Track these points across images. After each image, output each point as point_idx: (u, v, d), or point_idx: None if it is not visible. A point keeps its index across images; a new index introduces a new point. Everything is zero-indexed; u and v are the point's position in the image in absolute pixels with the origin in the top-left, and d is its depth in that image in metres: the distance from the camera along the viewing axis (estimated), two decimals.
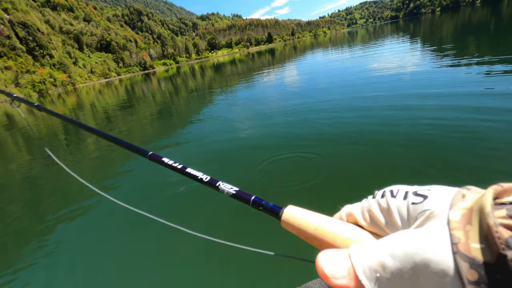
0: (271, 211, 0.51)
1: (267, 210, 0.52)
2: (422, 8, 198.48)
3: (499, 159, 3.11)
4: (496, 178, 2.50)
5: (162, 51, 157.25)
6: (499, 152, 3.22)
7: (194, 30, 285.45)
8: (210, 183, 0.65)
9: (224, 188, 0.62)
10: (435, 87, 6.43)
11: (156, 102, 15.06)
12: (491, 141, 3.51)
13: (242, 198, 0.58)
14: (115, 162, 5.91)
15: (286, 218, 0.44)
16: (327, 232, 0.36)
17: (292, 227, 0.44)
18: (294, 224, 0.43)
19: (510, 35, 13.16)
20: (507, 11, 29.62)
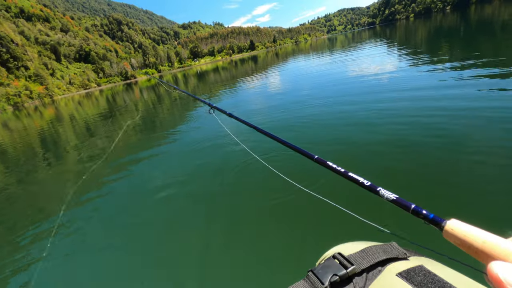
0: (432, 221, 0.53)
1: (428, 220, 0.55)
2: (397, 15, 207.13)
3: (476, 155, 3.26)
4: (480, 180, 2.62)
5: (144, 61, 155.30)
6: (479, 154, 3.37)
7: (176, 39, 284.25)
8: (370, 187, 0.70)
9: (384, 194, 0.65)
10: (409, 88, 6.70)
11: (139, 110, 14.80)
12: (467, 139, 3.69)
13: (401, 204, 0.62)
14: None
15: (451, 230, 0.47)
16: (497, 247, 0.37)
17: (455, 239, 0.46)
18: (459, 236, 0.45)
19: (479, 38, 13.99)
20: (474, 16, 31.46)
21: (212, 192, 3.90)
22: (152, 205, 3.90)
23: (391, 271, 0.54)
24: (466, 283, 0.48)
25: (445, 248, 0.50)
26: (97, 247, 3.24)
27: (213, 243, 2.81)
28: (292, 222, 2.80)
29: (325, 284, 0.53)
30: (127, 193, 4.56)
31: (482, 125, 3.91)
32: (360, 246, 0.65)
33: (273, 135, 1.15)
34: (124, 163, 5.99)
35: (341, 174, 0.79)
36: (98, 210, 4.12)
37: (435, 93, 5.83)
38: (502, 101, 4.56)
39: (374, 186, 0.69)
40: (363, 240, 0.72)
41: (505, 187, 2.57)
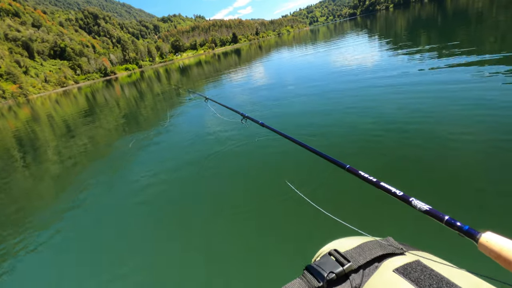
0: (466, 233, 0.52)
1: (462, 232, 0.54)
2: (377, 5, 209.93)
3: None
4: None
5: (123, 56, 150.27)
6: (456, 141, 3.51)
7: (156, 32, 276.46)
8: (403, 198, 0.68)
9: (417, 204, 0.64)
10: (389, 76, 6.88)
11: (121, 108, 14.40)
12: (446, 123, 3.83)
13: (434, 215, 0.60)
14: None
15: (486, 243, 0.46)
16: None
17: (491, 251, 0.45)
18: (494, 249, 0.45)
19: (455, 27, 14.44)
20: (451, 6, 32.35)
21: (208, 190, 3.87)
22: (135, 207, 3.85)
23: (388, 267, 0.54)
24: (463, 277, 0.48)
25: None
26: (89, 243, 3.19)
27: (208, 241, 2.79)
28: (287, 219, 2.81)
29: (321, 282, 0.53)
30: (112, 193, 4.47)
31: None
32: (356, 241, 0.65)
33: (306, 145, 1.18)
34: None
35: (373, 183, 0.78)
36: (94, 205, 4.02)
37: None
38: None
39: (406, 197, 0.68)
40: (359, 235, 0.71)
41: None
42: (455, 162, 2.98)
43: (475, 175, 2.72)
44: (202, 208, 3.42)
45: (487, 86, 4.77)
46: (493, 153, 2.97)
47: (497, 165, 2.77)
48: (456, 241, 0.54)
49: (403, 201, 0.68)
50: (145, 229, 3.27)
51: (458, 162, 2.98)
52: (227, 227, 2.95)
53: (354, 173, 0.89)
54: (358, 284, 0.53)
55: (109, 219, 3.71)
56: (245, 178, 3.93)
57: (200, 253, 2.68)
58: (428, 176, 2.90)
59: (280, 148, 4.36)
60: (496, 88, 4.60)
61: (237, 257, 2.50)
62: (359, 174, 0.86)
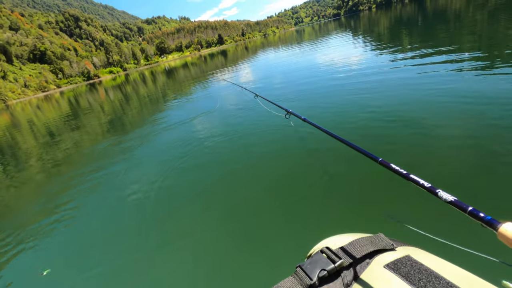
0: (488, 223, 0.56)
1: (484, 221, 0.57)
2: (360, 6, 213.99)
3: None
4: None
5: (107, 59, 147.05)
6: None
7: (140, 35, 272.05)
8: (430, 189, 0.72)
9: (443, 195, 0.68)
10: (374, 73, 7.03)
11: (106, 113, 14.08)
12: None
13: (458, 206, 0.64)
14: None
15: (505, 232, 0.49)
16: None
17: (508, 240, 0.49)
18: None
19: (435, 26, 14.90)
20: (431, 6, 33.37)
21: (202, 188, 3.86)
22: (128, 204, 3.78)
23: (379, 263, 0.55)
24: (452, 271, 0.50)
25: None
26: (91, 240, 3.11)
27: (199, 242, 2.77)
28: (279, 218, 2.81)
29: (313, 279, 0.53)
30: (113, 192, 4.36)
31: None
32: (348, 238, 0.66)
33: (343, 139, 1.22)
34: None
35: (403, 176, 0.81)
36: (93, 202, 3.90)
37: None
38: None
39: (433, 188, 0.71)
40: (351, 232, 0.72)
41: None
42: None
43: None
44: (194, 209, 3.40)
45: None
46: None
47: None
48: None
49: (430, 193, 0.71)
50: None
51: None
52: (219, 227, 2.94)
53: (386, 166, 0.90)
54: (350, 280, 0.54)
55: (110, 220, 3.61)
56: (233, 178, 3.92)
57: (188, 252, 2.67)
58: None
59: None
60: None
61: (229, 257, 2.49)
62: (391, 166, 0.88)
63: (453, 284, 0.45)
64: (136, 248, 2.93)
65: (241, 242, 2.65)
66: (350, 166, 3.34)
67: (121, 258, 2.85)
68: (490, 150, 2.95)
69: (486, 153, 2.93)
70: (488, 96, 4.18)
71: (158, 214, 3.50)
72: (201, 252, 2.62)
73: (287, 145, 4.50)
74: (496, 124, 3.38)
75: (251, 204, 3.17)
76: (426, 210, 2.31)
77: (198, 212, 3.31)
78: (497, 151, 2.89)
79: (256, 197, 3.27)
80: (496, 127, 3.30)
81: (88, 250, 3.14)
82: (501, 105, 3.78)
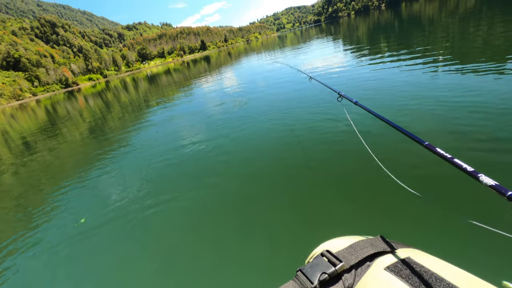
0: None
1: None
2: (339, 12, 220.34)
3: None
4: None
5: (86, 65, 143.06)
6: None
7: (120, 41, 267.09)
8: (472, 173, 0.73)
9: (484, 179, 0.69)
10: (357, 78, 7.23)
11: (86, 121, 13.64)
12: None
13: (498, 191, 0.65)
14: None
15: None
16: None
17: None
18: None
19: (411, 31, 15.57)
20: (405, 12, 34.94)
21: (198, 190, 3.82)
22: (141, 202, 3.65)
23: (379, 266, 0.55)
24: (453, 272, 0.50)
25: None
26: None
27: (198, 246, 2.74)
28: (280, 223, 2.79)
29: (314, 283, 0.53)
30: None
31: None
32: (348, 241, 0.66)
33: (394, 124, 1.24)
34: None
35: (448, 159, 0.82)
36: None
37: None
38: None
39: (475, 173, 0.72)
40: (351, 235, 0.72)
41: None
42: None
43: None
44: (189, 208, 3.36)
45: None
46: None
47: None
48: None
49: (472, 177, 0.72)
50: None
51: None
52: (218, 230, 2.91)
53: (431, 150, 0.91)
54: (351, 283, 0.54)
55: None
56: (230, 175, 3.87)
57: (187, 256, 2.64)
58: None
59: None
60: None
61: (229, 262, 2.45)
62: (436, 151, 0.88)
63: (454, 285, 0.45)
64: (134, 248, 2.91)
65: (241, 246, 2.62)
66: (351, 168, 3.34)
67: (120, 260, 2.81)
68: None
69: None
70: None
71: (155, 212, 3.46)
72: (200, 256, 2.58)
73: (279, 147, 4.50)
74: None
75: (250, 207, 3.13)
76: (427, 213, 2.34)
77: (196, 215, 3.26)
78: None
79: (255, 200, 3.24)
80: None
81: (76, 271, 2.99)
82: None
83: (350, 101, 1.89)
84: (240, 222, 2.95)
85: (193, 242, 2.81)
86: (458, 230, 2.08)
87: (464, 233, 2.05)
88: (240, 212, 3.10)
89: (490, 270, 1.71)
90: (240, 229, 2.85)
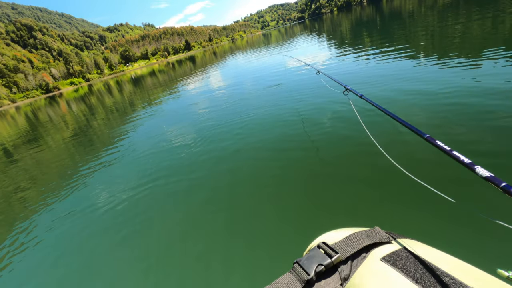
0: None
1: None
2: (322, 9, 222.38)
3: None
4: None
5: (67, 69, 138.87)
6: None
7: (102, 43, 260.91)
8: (468, 165, 0.76)
9: (479, 171, 0.72)
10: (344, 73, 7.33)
11: (69, 126, 13.26)
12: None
13: (493, 182, 0.68)
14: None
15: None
16: None
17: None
18: None
19: (392, 25, 15.88)
20: (386, 8, 35.59)
21: (194, 187, 3.82)
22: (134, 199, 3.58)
23: (375, 256, 0.56)
24: (447, 261, 0.50)
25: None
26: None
27: (197, 239, 2.76)
28: (278, 216, 2.80)
29: (310, 274, 0.54)
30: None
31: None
32: (345, 233, 0.66)
33: (397, 117, 1.25)
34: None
35: (446, 152, 0.85)
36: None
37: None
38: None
39: (472, 165, 0.75)
40: (348, 227, 0.73)
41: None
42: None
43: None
44: (189, 205, 3.36)
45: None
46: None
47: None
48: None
49: (467, 168, 0.76)
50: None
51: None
52: (217, 224, 2.92)
53: (431, 143, 0.93)
54: (347, 274, 0.54)
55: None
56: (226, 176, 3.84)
57: (186, 248, 2.66)
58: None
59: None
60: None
61: (228, 255, 2.47)
62: (436, 143, 0.91)
63: (448, 274, 0.45)
64: (133, 248, 2.91)
65: (240, 239, 2.63)
66: (348, 162, 3.36)
67: (117, 263, 2.78)
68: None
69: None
70: None
71: (151, 211, 3.46)
72: (198, 249, 2.59)
73: (277, 142, 4.50)
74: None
75: (248, 200, 3.15)
76: (423, 205, 2.38)
77: (195, 207, 3.31)
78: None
79: (253, 194, 3.25)
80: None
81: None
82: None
83: (356, 94, 1.91)
84: (240, 216, 2.96)
85: (191, 237, 2.82)
86: (456, 220, 2.12)
87: (460, 223, 2.09)
88: (240, 206, 3.11)
89: (484, 259, 1.77)
90: (240, 223, 2.86)
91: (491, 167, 0.59)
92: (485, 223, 1.99)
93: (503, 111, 3.36)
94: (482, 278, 0.45)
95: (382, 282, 0.49)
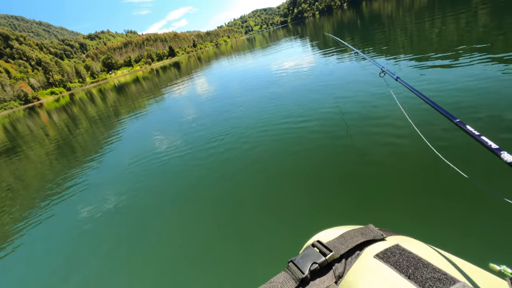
0: None
1: None
2: (305, 13, 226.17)
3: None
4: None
5: (47, 79, 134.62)
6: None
7: (83, 51, 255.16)
8: (494, 150, 0.75)
9: (504, 157, 0.71)
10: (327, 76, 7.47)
11: (51, 138, 12.84)
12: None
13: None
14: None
15: None
16: None
17: None
18: None
19: (371, 28, 16.37)
20: (366, 11, 36.70)
21: (192, 186, 3.80)
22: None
23: (369, 254, 0.56)
24: (440, 257, 0.51)
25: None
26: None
27: (192, 239, 2.75)
28: (273, 216, 2.80)
29: (305, 273, 0.54)
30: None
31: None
32: (339, 231, 0.67)
33: (434, 103, 1.22)
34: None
35: (475, 137, 0.84)
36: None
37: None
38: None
39: (498, 150, 0.74)
40: (342, 225, 0.73)
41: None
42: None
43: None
44: (184, 204, 3.35)
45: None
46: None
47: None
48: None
49: (493, 153, 0.75)
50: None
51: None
52: (212, 223, 2.91)
53: (461, 128, 0.91)
54: (341, 272, 0.54)
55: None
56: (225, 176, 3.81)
57: (181, 248, 2.65)
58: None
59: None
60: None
61: (223, 254, 2.46)
62: (466, 128, 0.88)
63: (440, 269, 0.46)
64: (131, 248, 2.89)
65: (236, 239, 2.62)
66: (342, 160, 3.38)
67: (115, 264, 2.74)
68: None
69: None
70: None
71: (149, 211, 3.46)
72: (194, 249, 2.60)
73: (275, 139, 4.52)
74: None
75: (243, 200, 3.15)
76: (418, 200, 2.43)
77: (189, 207, 3.31)
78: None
79: (248, 194, 3.25)
80: None
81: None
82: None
83: (392, 77, 1.94)
84: (235, 216, 2.95)
85: (186, 237, 2.81)
86: (448, 216, 2.17)
87: (453, 218, 2.14)
88: (235, 207, 3.10)
89: (476, 254, 1.79)
90: (235, 223, 2.85)
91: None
92: (477, 218, 2.04)
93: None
94: (474, 272, 0.46)
95: (375, 278, 0.49)
